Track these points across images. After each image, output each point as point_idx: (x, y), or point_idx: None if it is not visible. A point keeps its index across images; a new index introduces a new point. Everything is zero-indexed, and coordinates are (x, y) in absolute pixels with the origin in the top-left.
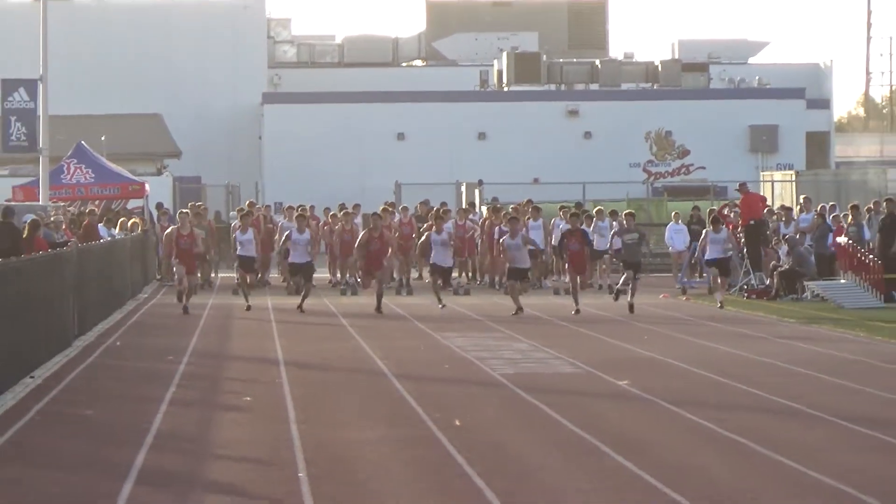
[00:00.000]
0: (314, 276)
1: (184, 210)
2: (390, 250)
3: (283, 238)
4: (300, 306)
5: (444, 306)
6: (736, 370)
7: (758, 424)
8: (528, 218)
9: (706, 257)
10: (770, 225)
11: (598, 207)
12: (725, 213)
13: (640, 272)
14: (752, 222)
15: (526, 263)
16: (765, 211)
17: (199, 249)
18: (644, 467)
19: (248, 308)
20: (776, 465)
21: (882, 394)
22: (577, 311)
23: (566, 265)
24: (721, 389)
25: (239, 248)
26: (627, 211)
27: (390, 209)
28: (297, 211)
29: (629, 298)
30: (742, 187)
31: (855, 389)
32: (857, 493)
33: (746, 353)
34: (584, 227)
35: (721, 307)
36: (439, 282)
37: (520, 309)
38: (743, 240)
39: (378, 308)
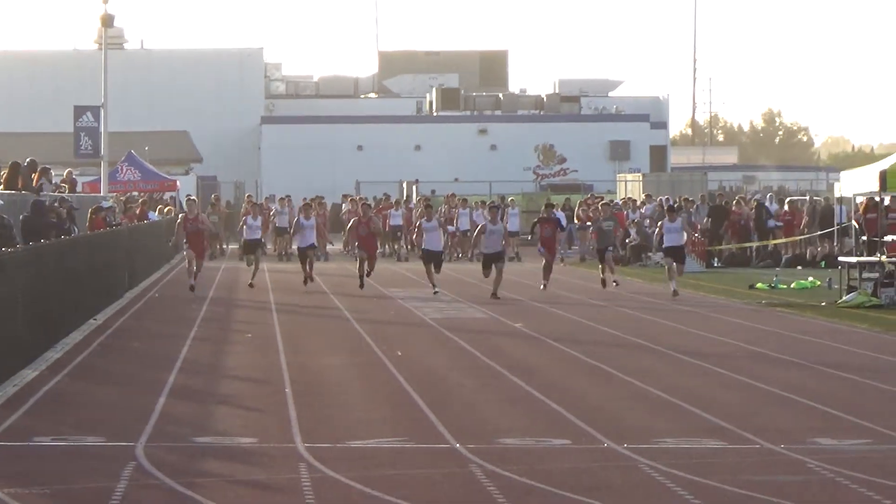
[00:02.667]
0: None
1: (191, 197)
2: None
3: (294, 223)
4: (311, 278)
5: (437, 292)
6: (600, 316)
7: (616, 356)
8: (457, 207)
9: (664, 245)
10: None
11: (511, 198)
12: (588, 202)
13: (615, 248)
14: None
15: (500, 248)
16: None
17: (206, 228)
18: (533, 386)
19: (252, 286)
20: (629, 384)
21: (705, 334)
22: (545, 287)
23: (540, 248)
24: (590, 330)
25: (247, 231)
26: (604, 202)
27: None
28: (305, 201)
29: (612, 277)
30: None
31: (686, 331)
32: (684, 403)
33: (608, 304)
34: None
35: (675, 294)
36: (433, 268)
37: (494, 294)
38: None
39: (361, 286)
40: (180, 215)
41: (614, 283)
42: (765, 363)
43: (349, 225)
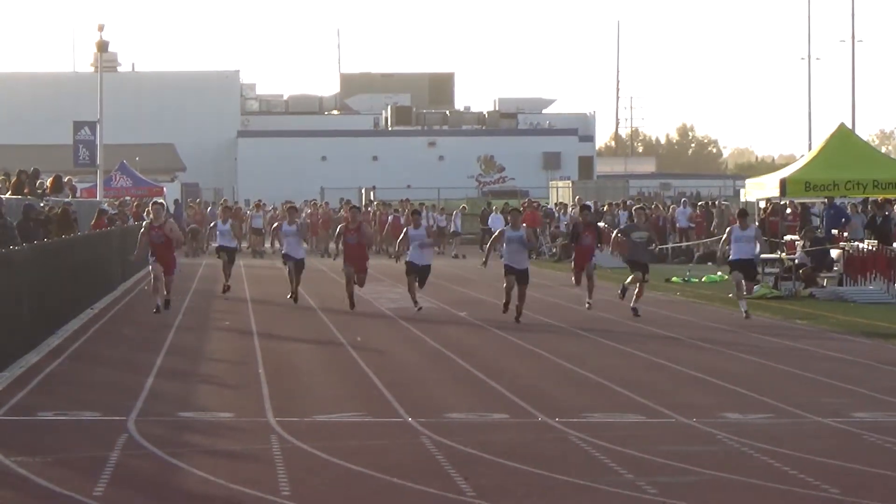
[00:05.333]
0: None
1: (157, 200)
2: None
3: (273, 228)
4: (294, 295)
5: (419, 308)
6: (537, 307)
7: (549, 341)
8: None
9: (731, 258)
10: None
11: (463, 205)
12: (525, 207)
13: (647, 273)
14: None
15: (525, 264)
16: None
17: (175, 237)
18: (475, 366)
19: (226, 289)
20: (559, 365)
21: (627, 321)
22: (589, 306)
23: (573, 258)
24: (527, 319)
25: (218, 237)
26: (638, 206)
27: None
28: (288, 204)
29: (632, 302)
30: (530, 204)
31: (610, 318)
32: (609, 383)
33: (544, 296)
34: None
35: (747, 317)
36: (416, 281)
37: (506, 305)
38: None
39: (351, 305)
40: (144, 223)
41: (633, 311)
42: (680, 347)
43: (336, 231)
